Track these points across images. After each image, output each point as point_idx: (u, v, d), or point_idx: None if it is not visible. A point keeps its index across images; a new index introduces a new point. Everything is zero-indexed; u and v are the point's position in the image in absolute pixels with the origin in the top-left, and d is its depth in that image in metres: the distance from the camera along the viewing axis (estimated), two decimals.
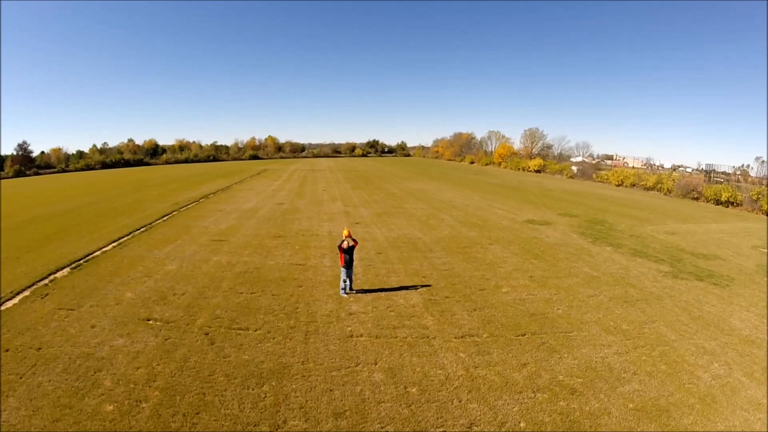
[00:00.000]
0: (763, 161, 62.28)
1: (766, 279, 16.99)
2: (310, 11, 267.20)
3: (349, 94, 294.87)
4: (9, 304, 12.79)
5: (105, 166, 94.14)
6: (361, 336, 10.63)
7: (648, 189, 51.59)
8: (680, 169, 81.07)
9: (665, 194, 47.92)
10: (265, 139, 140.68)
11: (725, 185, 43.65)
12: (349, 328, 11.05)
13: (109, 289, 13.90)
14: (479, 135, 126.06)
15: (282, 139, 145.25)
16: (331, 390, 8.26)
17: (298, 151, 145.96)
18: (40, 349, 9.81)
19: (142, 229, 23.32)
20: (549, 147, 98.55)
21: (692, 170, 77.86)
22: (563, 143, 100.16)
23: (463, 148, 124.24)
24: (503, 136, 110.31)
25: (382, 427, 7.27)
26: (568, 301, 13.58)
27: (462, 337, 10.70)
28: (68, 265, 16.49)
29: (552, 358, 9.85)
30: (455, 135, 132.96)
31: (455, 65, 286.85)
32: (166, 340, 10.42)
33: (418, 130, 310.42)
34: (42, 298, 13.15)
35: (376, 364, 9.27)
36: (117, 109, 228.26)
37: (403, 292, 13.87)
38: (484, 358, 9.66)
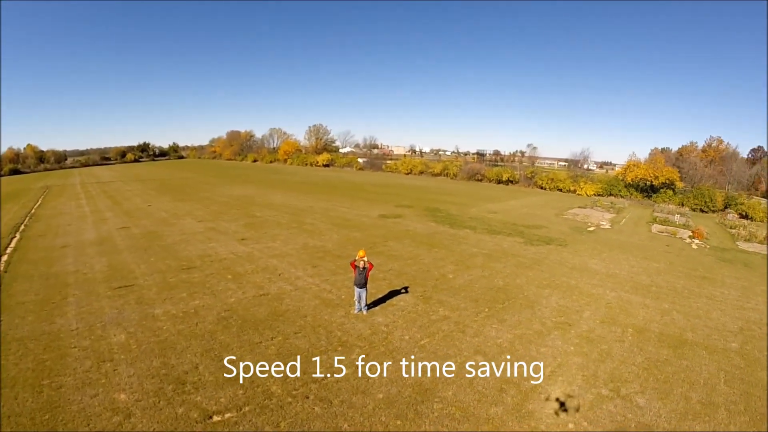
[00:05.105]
0: (534, 147, 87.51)
1: (583, 236, 27.70)
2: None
3: (115, 93, 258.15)
4: None
5: None
6: (428, 338, 13.31)
7: (435, 175, 65.83)
8: (440, 152, 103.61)
9: (452, 179, 62.60)
10: (25, 149, 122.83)
11: (505, 168, 60.68)
12: (407, 337, 13.25)
13: None
14: (259, 133, 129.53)
15: (41, 147, 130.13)
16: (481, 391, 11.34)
17: (62, 160, 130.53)
18: None
19: None
20: (333, 141, 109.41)
21: (450, 152, 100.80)
22: (348, 137, 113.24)
23: (244, 146, 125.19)
24: (285, 133, 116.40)
25: None
26: (499, 275, 19.72)
27: (477, 314, 15.23)
28: None
29: (536, 309, 15.61)
30: (231, 133, 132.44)
31: (225, 65, 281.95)
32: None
33: (189, 130, 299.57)
34: None
35: (462, 354, 12.59)
36: None
37: (393, 297, 16.63)
38: (501, 326, 14.68)
